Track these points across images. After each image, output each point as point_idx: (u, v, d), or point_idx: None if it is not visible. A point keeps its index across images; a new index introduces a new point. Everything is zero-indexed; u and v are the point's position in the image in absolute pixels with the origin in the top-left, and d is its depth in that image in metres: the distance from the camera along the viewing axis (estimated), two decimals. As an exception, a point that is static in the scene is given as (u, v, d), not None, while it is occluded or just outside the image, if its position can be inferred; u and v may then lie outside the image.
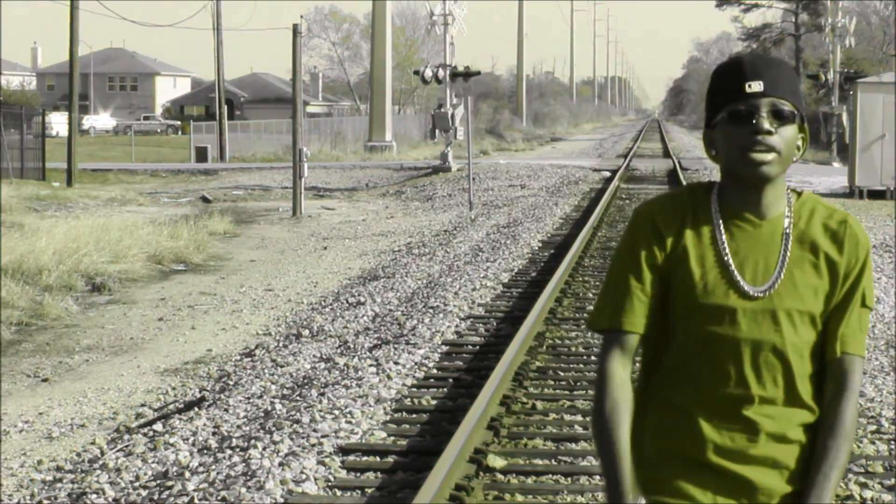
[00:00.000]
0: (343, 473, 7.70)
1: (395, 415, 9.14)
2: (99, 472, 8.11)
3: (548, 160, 48.37)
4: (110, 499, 7.50)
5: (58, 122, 71.21)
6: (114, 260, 18.79)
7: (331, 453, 8.00)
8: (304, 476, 7.49)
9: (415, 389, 9.97)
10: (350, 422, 8.75)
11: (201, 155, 51.79)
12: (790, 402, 2.89)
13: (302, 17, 34.43)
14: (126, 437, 9.20)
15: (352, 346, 11.99)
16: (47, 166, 41.75)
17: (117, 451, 8.70)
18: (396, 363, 10.80)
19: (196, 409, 9.86)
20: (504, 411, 9.04)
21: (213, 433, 8.81)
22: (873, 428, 8.74)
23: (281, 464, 7.71)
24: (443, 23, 39.30)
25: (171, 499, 7.25)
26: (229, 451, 8.09)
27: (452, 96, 38.28)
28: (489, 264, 17.41)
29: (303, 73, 31.25)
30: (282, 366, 11.33)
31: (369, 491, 7.33)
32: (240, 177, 42.79)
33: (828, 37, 52.14)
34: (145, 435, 9.05)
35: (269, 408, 9.40)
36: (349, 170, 44.29)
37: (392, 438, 8.49)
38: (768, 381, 2.87)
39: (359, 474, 7.71)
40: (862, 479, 7.55)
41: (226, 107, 55.89)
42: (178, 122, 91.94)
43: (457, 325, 12.75)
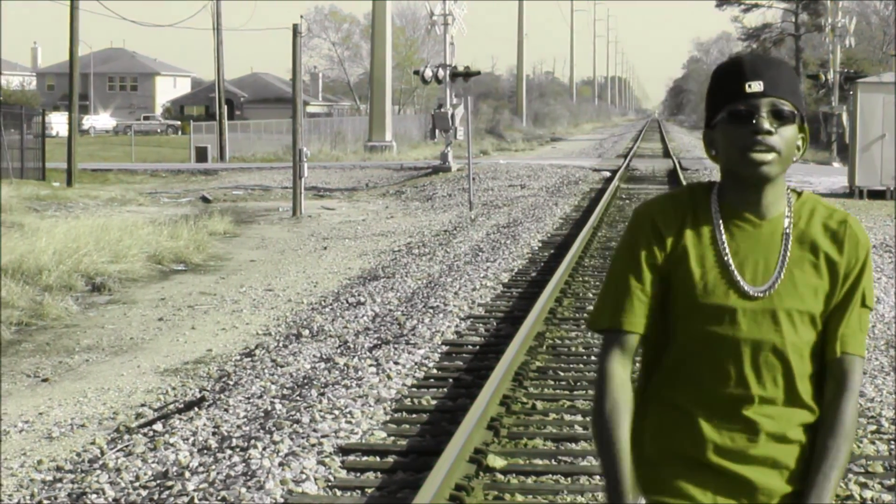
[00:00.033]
0: (343, 473, 7.70)
1: (395, 415, 9.14)
2: (99, 472, 8.11)
3: (548, 160, 48.36)
4: (110, 499, 7.50)
5: (58, 122, 71.22)
6: (114, 260, 18.79)
7: (331, 453, 8.00)
8: (304, 476, 7.49)
9: (415, 389, 9.97)
10: (350, 422, 8.75)
11: (201, 155, 51.78)
12: (790, 402, 2.89)
13: (302, 17, 34.43)
14: (126, 437, 9.20)
15: (352, 346, 11.99)
16: (47, 166, 41.75)
17: (117, 451, 8.70)
18: (396, 363, 10.79)
19: (196, 409, 9.86)
20: (504, 411, 9.04)
21: (213, 433, 8.81)
22: (873, 428, 8.74)
23: (281, 464, 7.71)
24: (443, 23, 39.29)
25: (171, 499, 7.25)
26: (229, 451, 8.09)
27: (452, 96, 38.27)
28: (489, 264, 17.41)
29: (303, 73, 31.25)
30: (282, 366, 11.33)
31: (369, 491, 7.33)
32: (240, 177, 42.79)
33: (828, 37, 52.14)
34: (145, 435, 9.05)
35: (269, 408, 9.40)
36: (349, 170, 44.29)
37: (392, 438, 8.49)
38: (768, 381, 2.87)
39: (359, 474, 7.70)
40: (862, 479, 7.55)
41: (226, 107, 55.88)
42: (178, 122, 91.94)
43: (457, 325, 12.75)
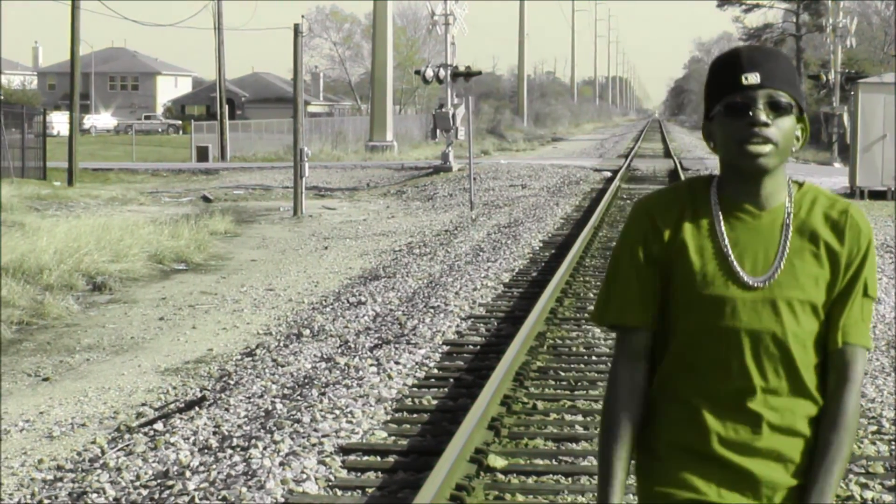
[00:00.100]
0: (344, 473, 7.70)
1: (396, 414, 9.14)
2: (99, 471, 8.11)
3: (549, 160, 48.37)
4: (111, 498, 7.50)
5: (59, 122, 71.24)
6: (114, 259, 18.80)
7: (331, 453, 8.00)
8: (304, 476, 7.49)
9: (415, 389, 9.96)
10: (351, 421, 8.75)
11: (202, 154, 51.80)
12: (795, 393, 2.88)
13: (303, 16, 34.44)
14: (127, 436, 9.20)
15: (353, 345, 11.99)
16: (48, 165, 41.77)
17: (118, 450, 8.70)
18: (397, 363, 10.79)
19: (197, 408, 9.85)
20: (505, 411, 9.04)
21: (214, 433, 8.81)
22: (874, 428, 8.74)
23: (281, 463, 7.71)
24: (444, 23, 39.29)
25: (172, 498, 7.25)
26: (230, 451, 8.09)
27: (453, 96, 38.27)
28: (490, 264, 17.40)
29: (304, 73, 31.25)
30: (282, 365, 11.33)
31: (370, 491, 7.33)
32: (241, 176, 42.79)
33: (829, 37, 52.15)
34: (146, 434, 9.05)
35: (270, 407, 9.40)
36: (350, 169, 44.29)
37: (393, 438, 8.49)
38: (770, 372, 2.86)
39: (359, 474, 7.70)
40: (863, 479, 7.55)
41: (227, 106, 55.89)
42: (179, 122, 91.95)
43: (458, 325, 12.74)
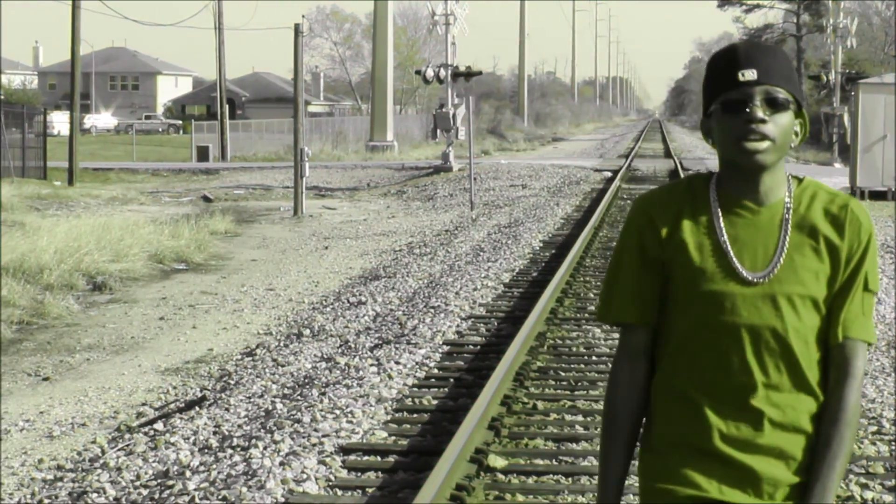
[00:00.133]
0: (344, 473, 7.70)
1: (396, 414, 9.14)
2: (100, 471, 8.11)
3: (549, 160, 48.37)
4: (111, 498, 7.50)
5: (59, 121, 71.27)
6: (115, 259, 18.80)
7: (332, 453, 8.00)
8: (304, 476, 7.48)
9: (416, 389, 9.96)
10: (351, 421, 8.75)
11: (203, 154, 51.80)
12: (797, 389, 2.87)
13: (303, 16, 34.45)
14: (127, 436, 9.20)
15: (353, 345, 11.98)
16: (49, 165, 41.77)
17: (118, 450, 8.70)
18: (397, 363, 10.79)
19: (197, 408, 9.85)
20: (505, 411, 9.03)
21: (214, 432, 8.81)
22: (874, 429, 8.73)
23: (282, 463, 7.71)
24: (444, 23, 39.29)
25: (172, 498, 7.25)
26: (230, 451, 8.09)
27: (454, 96, 38.27)
28: (490, 264, 17.40)
29: (304, 73, 31.25)
30: (283, 365, 11.33)
31: (370, 491, 7.33)
32: (241, 176, 42.80)
33: (829, 38, 52.16)
34: (146, 434, 9.05)
35: (270, 407, 9.39)
36: (350, 169, 44.30)
37: (393, 438, 8.49)
38: (771, 368, 2.86)
39: (359, 474, 7.70)
40: (863, 479, 7.54)
41: (227, 106, 55.89)
42: (180, 122, 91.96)
43: (458, 325, 12.74)
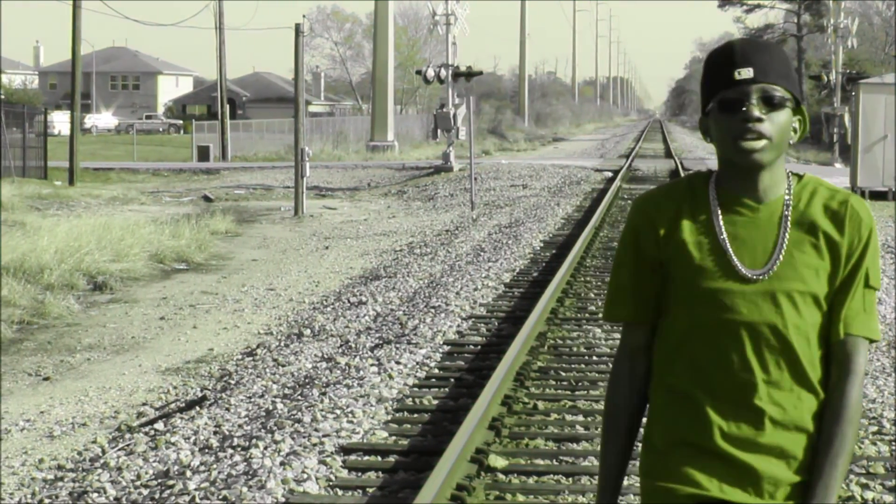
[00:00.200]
0: (344, 473, 7.70)
1: (397, 414, 9.14)
2: (100, 470, 8.11)
3: (550, 160, 48.37)
4: (111, 498, 7.50)
5: (60, 121, 71.27)
6: (115, 259, 18.80)
7: (332, 453, 8.00)
8: (305, 475, 7.48)
9: (416, 389, 9.96)
10: (351, 421, 8.75)
11: (203, 154, 51.81)
12: (798, 387, 2.86)
13: (304, 16, 34.47)
14: (127, 435, 9.20)
15: (353, 345, 11.98)
16: (49, 165, 41.77)
17: (118, 449, 8.70)
18: (398, 363, 10.79)
19: (197, 408, 9.85)
20: (505, 411, 9.03)
21: (215, 432, 8.81)
22: (875, 429, 8.73)
23: (282, 463, 7.71)
24: (445, 23, 39.30)
25: (173, 498, 7.25)
26: (231, 451, 8.09)
27: (454, 96, 38.27)
28: (491, 264, 17.40)
29: (305, 73, 31.25)
30: (283, 365, 11.33)
31: (370, 490, 7.33)
32: (242, 176, 42.80)
33: (830, 38, 52.18)
34: (146, 434, 9.05)
35: (271, 407, 9.39)
36: (351, 169, 44.30)
37: (393, 438, 8.48)
38: (772, 365, 2.85)
39: (360, 474, 7.70)
40: (863, 479, 7.54)
41: (228, 106, 55.91)
42: (181, 122, 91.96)
43: (458, 325, 12.74)
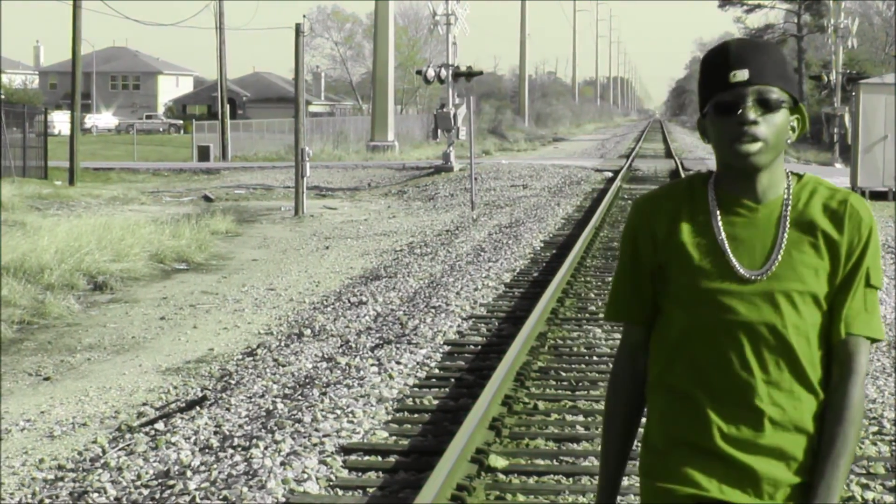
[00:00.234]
0: (345, 473, 7.70)
1: (397, 414, 9.13)
2: (100, 470, 8.11)
3: (550, 160, 48.38)
4: (112, 498, 7.50)
5: (60, 121, 71.26)
6: (116, 259, 18.79)
7: (332, 453, 8.00)
8: (305, 475, 7.48)
9: (416, 389, 9.96)
10: (352, 421, 8.74)
11: (203, 154, 51.81)
12: (798, 387, 2.85)
13: (305, 16, 34.47)
14: (128, 435, 9.20)
15: (354, 345, 11.98)
16: (49, 165, 41.77)
17: (119, 449, 8.70)
18: (398, 363, 10.79)
19: (198, 408, 9.85)
20: (506, 411, 9.03)
21: (215, 432, 8.81)
22: (875, 429, 8.73)
23: (283, 463, 7.71)
24: (445, 23, 39.30)
25: (173, 498, 7.25)
26: (231, 451, 8.08)
27: (455, 96, 38.27)
28: (491, 264, 17.40)
29: (305, 73, 31.25)
30: (283, 365, 11.33)
31: (371, 490, 7.33)
32: (242, 176, 42.80)
33: (830, 38, 52.19)
34: (147, 434, 9.05)
35: (271, 407, 9.39)
36: (351, 169, 44.30)
37: (394, 438, 8.48)
38: (772, 366, 2.84)
39: (360, 474, 7.70)
40: (864, 480, 7.54)
41: (228, 106, 55.91)
42: (181, 122, 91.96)
43: (459, 325, 12.74)
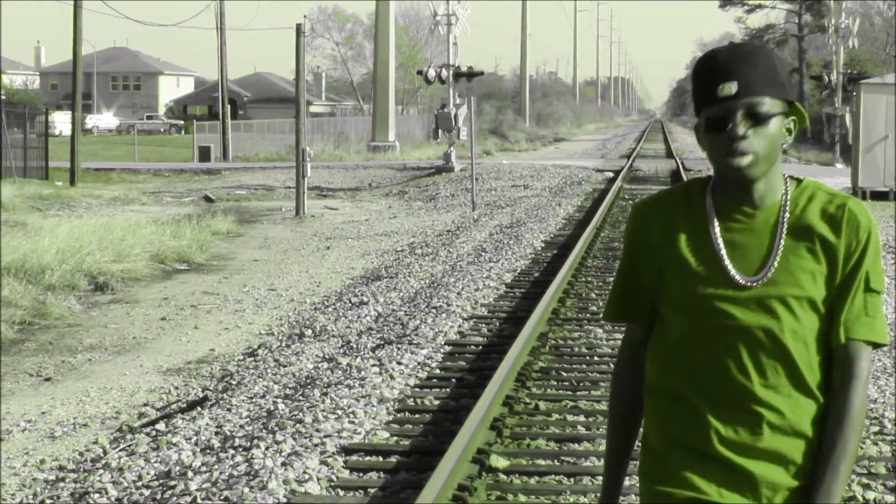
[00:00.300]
0: (346, 473, 7.70)
1: (398, 415, 9.14)
2: (101, 471, 8.11)
3: (551, 160, 48.38)
4: (113, 498, 7.50)
5: (61, 122, 71.24)
6: (116, 259, 18.80)
7: (333, 453, 8.00)
8: (306, 476, 7.48)
9: (417, 389, 9.96)
10: (353, 422, 8.75)
11: (204, 154, 51.82)
12: (796, 392, 2.85)
13: (305, 16, 34.49)
14: (129, 436, 9.20)
15: (355, 345, 11.99)
16: (50, 165, 41.78)
17: (120, 450, 8.70)
18: (399, 363, 10.79)
19: (199, 408, 9.85)
20: (507, 411, 9.04)
21: (216, 433, 8.81)
22: (876, 429, 8.73)
23: (284, 464, 7.71)
24: (446, 23, 39.31)
25: (174, 498, 7.25)
26: (232, 451, 8.09)
27: (455, 96, 38.28)
28: (492, 264, 17.40)
29: (306, 73, 31.25)
30: (284, 365, 11.33)
31: (372, 491, 7.33)
32: (243, 176, 42.80)
33: (831, 38, 52.18)
34: (148, 434, 9.05)
35: (272, 407, 9.40)
36: (352, 170, 44.30)
37: (395, 438, 8.49)
38: (769, 370, 2.84)
39: (361, 474, 7.70)
40: (865, 480, 7.54)
41: (229, 106, 55.93)
42: (182, 122, 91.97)
43: (460, 325, 12.74)
